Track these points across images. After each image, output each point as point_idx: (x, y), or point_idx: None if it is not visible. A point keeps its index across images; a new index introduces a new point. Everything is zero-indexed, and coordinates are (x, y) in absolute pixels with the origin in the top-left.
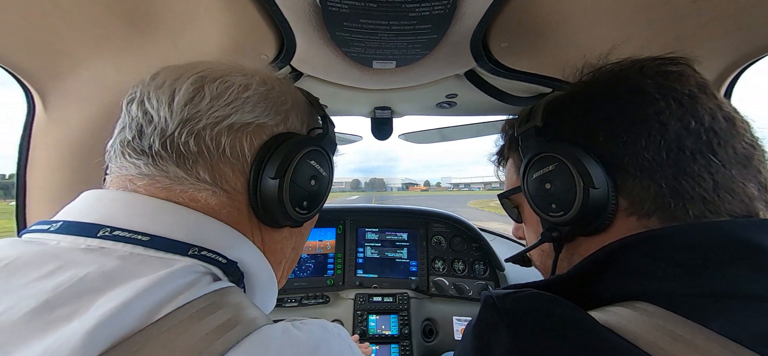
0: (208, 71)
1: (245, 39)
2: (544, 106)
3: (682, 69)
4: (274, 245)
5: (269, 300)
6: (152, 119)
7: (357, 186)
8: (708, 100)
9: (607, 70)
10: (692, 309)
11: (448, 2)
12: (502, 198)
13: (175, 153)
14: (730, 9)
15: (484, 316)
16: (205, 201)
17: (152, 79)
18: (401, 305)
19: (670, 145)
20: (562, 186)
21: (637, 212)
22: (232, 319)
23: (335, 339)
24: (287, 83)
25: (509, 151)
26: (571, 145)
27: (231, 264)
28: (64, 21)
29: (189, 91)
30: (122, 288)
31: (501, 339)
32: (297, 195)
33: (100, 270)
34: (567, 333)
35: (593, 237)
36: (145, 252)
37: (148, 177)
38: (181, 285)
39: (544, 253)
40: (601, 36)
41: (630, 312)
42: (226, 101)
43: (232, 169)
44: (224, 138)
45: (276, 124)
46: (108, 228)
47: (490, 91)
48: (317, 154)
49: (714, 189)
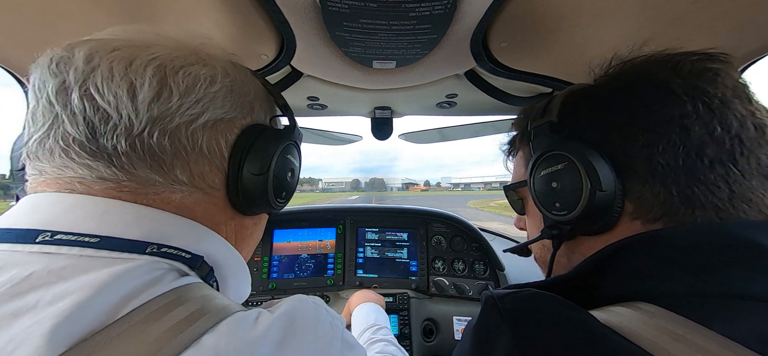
0: (165, 57)
1: (245, 39)
2: (561, 99)
3: (719, 68)
4: (245, 231)
5: (243, 288)
6: (110, 117)
7: (357, 186)
8: (741, 106)
9: (637, 64)
10: (694, 310)
11: (448, 2)
12: (508, 190)
13: (148, 154)
14: (731, 9)
15: (485, 316)
16: (179, 202)
17: (88, 63)
18: (401, 305)
19: (688, 152)
20: (568, 185)
21: (642, 216)
22: (199, 310)
23: (310, 307)
24: (246, 72)
25: (520, 144)
26: (583, 144)
27: (196, 258)
28: (64, 21)
29: (153, 84)
30: (75, 284)
31: (502, 339)
32: (278, 187)
33: (47, 268)
34: (568, 333)
35: (595, 237)
36: (96, 253)
37: (112, 181)
38: (143, 282)
39: (544, 247)
40: (601, 36)
41: (631, 312)
42: (196, 98)
43: (210, 167)
44: (200, 136)
45: (243, 117)
46: (48, 233)
47: (490, 90)
48: (292, 147)
49: (729, 198)
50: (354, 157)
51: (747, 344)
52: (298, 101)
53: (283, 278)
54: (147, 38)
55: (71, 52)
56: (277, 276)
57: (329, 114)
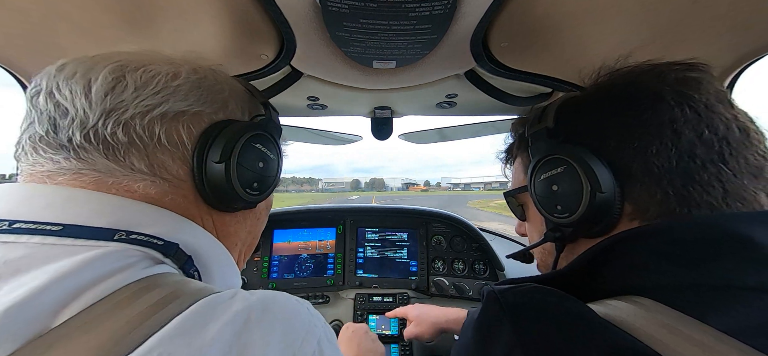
0: (128, 60)
1: (245, 39)
2: (557, 107)
3: (701, 76)
4: (227, 228)
5: (232, 279)
6: (67, 111)
7: (357, 186)
8: (724, 110)
9: (625, 74)
10: (689, 303)
11: (448, 2)
12: (508, 196)
13: (102, 144)
14: (730, 9)
15: (486, 310)
16: (143, 191)
17: (60, 70)
18: (401, 305)
19: (681, 154)
20: (569, 188)
21: (640, 217)
22: (172, 294)
23: (291, 301)
24: (222, 73)
25: (518, 150)
26: (581, 148)
27: (170, 245)
28: (64, 21)
29: (108, 80)
30: (36, 273)
31: (503, 332)
32: (246, 177)
33: (3, 259)
34: (568, 325)
35: (595, 238)
36: (59, 241)
37: (71, 171)
38: (111, 269)
39: (546, 251)
40: (601, 36)
41: (628, 305)
42: (154, 90)
43: (172, 158)
44: (158, 127)
45: (214, 112)
46: (5, 222)
47: (490, 91)
48: (262, 138)
49: (723, 197)
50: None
51: (741, 335)
52: (298, 101)
53: (283, 278)
54: (129, 53)
55: (56, 63)
56: (277, 276)
57: (329, 114)
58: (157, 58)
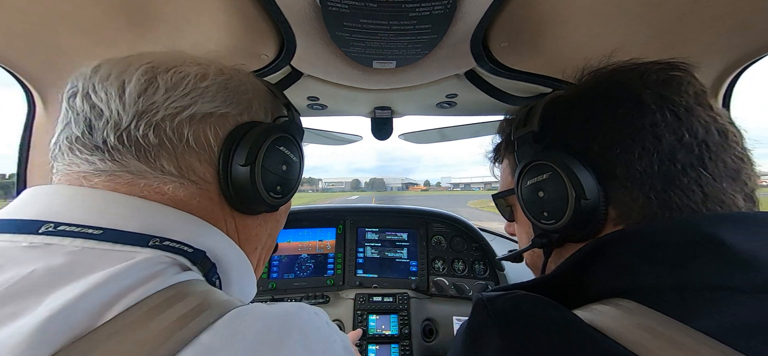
0: (159, 61)
1: (245, 39)
2: (541, 109)
3: (682, 76)
4: (249, 232)
5: (248, 288)
6: (102, 113)
7: (357, 186)
8: (704, 112)
9: (608, 74)
10: (671, 305)
11: (448, 2)
12: (497, 198)
13: (134, 146)
14: (730, 9)
15: (475, 318)
16: (172, 193)
17: (95, 72)
18: (401, 305)
19: (662, 158)
20: (554, 195)
21: (624, 221)
22: (200, 305)
23: (311, 316)
24: (245, 73)
25: (505, 152)
26: (565, 153)
27: (198, 252)
28: (64, 21)
29: (141, 81)
30: (76, 284)
31: (492, 340)
32: (269, 180)
33: (47, 266)
34: (555, 334)
35: (581, 243)
36: (99, 245)
37: (106, 173)
38: (143, 276)
39: (535, 254)
40: (600, 36)
41: (612, 310)
42: (184, 91)
43: (199, 159)
44: (186, 129)
45: (239, 113)
46: (51, 224)
47: (490, 91)
48: (285, 140)
49: (703, 201)
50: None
51: (721, 337)
52: (298, 101)
53: (283, 278)
54: (159, 54)
55: (91, 65)
56: (277, 276)
57: (329, 114)
58: (186, 59)
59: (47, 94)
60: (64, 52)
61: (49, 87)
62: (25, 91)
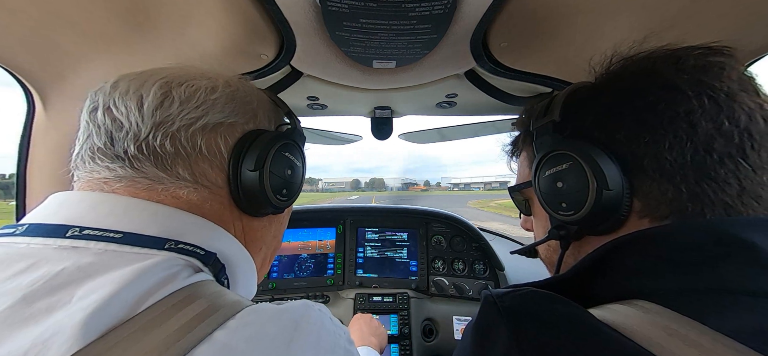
0: (172, 76)
1: (245, 39)
2: (563, 99)
3: (723, 61)
4: (254, 233)
5: (251, 287)
6: (123, 125)
7: (357, 186)
8: (748, 99)
9: (639, 61)
10: (688, 306)
11: (448, 2)
12: (513, 191)
13: (152, 155)
14: (730, 8)
15: (484, 315)
16: (187, 198)
17: (114, 88)
18: (401, 305)
19: (696, 147)
20: (574, 185)
21: (650, 215)
22: (211, 306)
23: (316, 314)
24: (250, 84)
25: (523, 144)
26: (588, 143)
27: (210, 255)
28: (64, 21)
29: (157, 95)
30: (102, 280)
31: (501, 337)
32: (276, 183)
33: (76, 264)
34: (566, 330)
35: (602, 236)
36: (120, 248)
37: (127, 179)
38: (162, 277)
39: (551, 248)
40: (601, 35)
41: (627, 309)
42: (196, 103)
43: (211, 166)
44: (200, 138)
45: (246, 122)
46: (77, 228)
47: (490, 90)
48: (290, 146)
49: (739, 195)
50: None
51: (739, 337)
52: (298, 101)
53: (283, 278)
54: (172, 69)
55: (110, 81)
56: (277, 276)
57: (329, 114)
58: (197, 73)
59: (47, 93)
60: (64, 52)
61: (49, 87)
62: (24, 91)
